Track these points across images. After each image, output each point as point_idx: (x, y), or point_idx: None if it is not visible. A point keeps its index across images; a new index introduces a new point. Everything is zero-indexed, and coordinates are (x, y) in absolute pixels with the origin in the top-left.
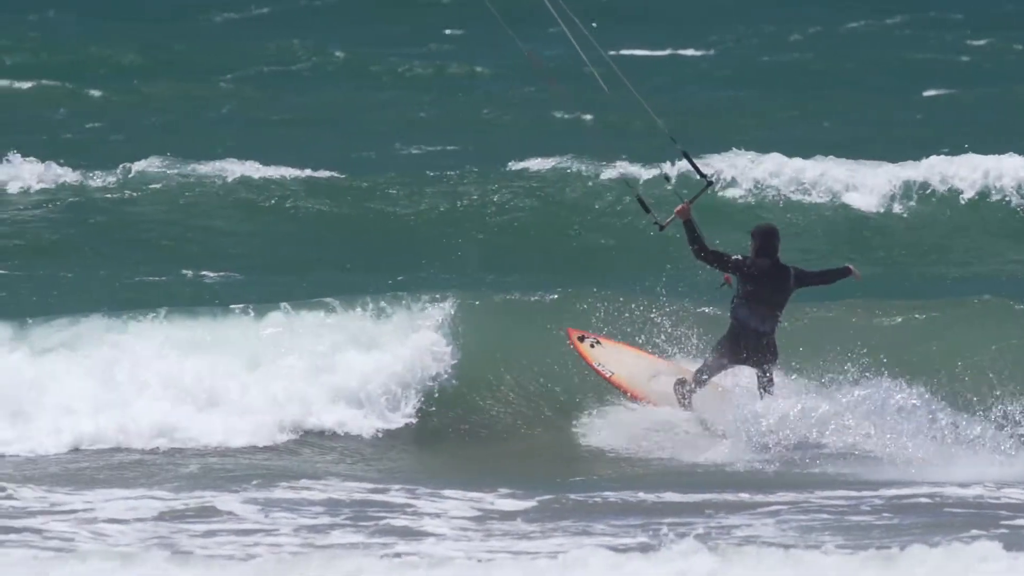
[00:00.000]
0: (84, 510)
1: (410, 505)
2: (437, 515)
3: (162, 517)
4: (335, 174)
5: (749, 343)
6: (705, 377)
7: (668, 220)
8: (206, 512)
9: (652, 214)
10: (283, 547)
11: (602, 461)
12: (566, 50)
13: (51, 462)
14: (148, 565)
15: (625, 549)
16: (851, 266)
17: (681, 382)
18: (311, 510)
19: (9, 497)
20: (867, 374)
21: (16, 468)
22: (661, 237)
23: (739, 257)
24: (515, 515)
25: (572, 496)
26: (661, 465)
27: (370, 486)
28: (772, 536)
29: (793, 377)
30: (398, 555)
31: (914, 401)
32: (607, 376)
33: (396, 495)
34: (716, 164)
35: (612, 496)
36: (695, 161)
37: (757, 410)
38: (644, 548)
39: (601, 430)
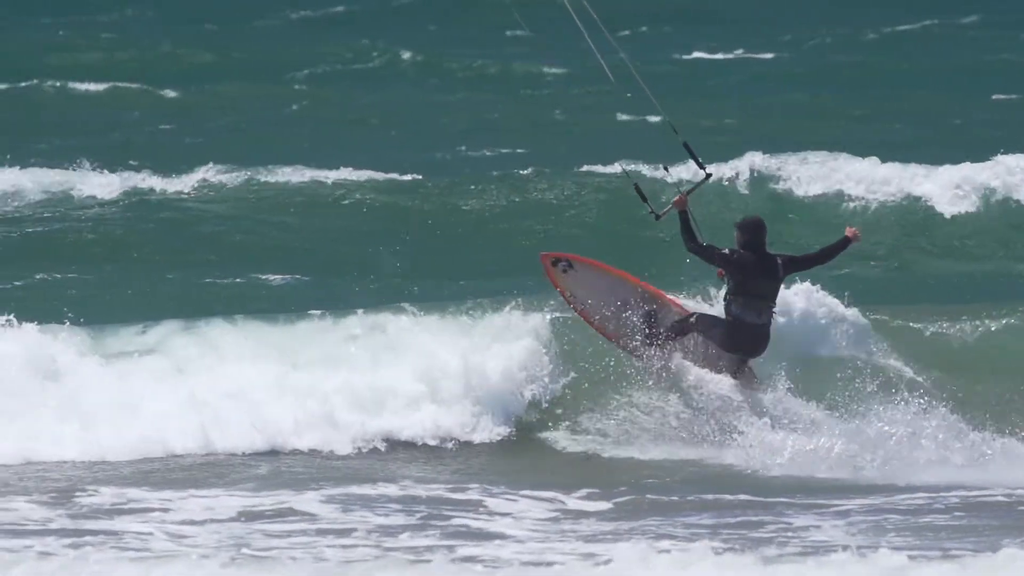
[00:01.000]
0: (160, 510)
1: (483, 505)
2: (509, 515)
3: (239, 518)
4: (414, 176)
5: (745, 336)
6: (674, 342)
7: (665, 211)
8: (283, 513)
9: (648, 204)
10: (356, 548)
11: (677, 464)
12: (632, 53)
13: (125, 465)
14: (229, 567)
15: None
16: (849, 232)
17: (649, 320)
18: (386, 508)
19: (89, 497)
20: (919, 384)
21: (91, 470)
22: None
23: (726, 251)
24: (589, 515)
25: (650, 497)
26: (734, 469)
27: (448, 487)
28: (843, 538)
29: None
30: (469, 559)
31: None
32: (577, 309)
33: (472, 494)
34: (789, 164)
35: (687, 498)
36: (695, 153)
37: (774, 444)
38: (716, 551)
39: (677, 434)
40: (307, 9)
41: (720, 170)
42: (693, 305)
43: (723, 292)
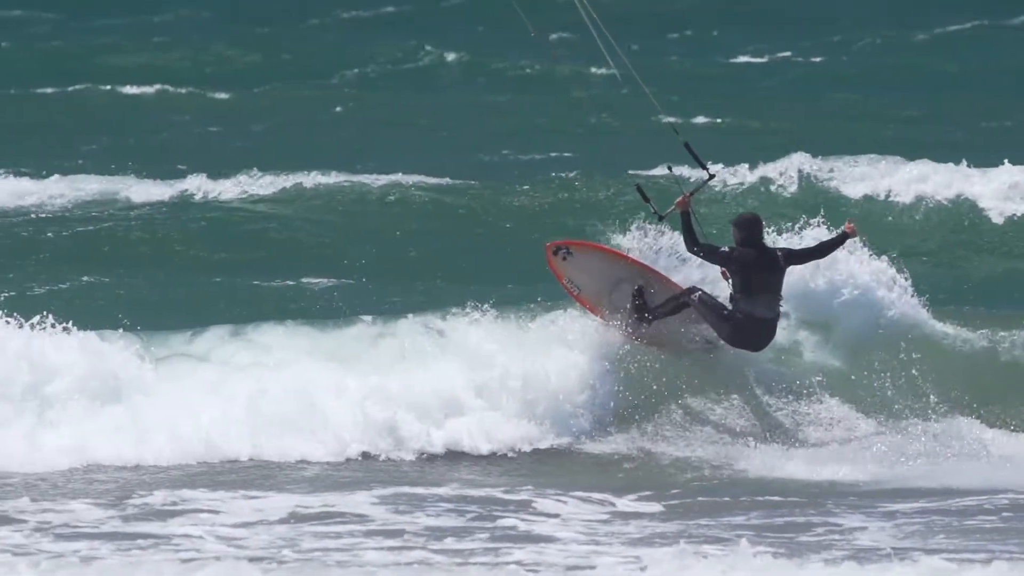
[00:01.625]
0: (210, 511)
1: (532, 506)
2: (558, 516)
3: (288, 519)
4: (461, 179)
5: (755, 331)
6: (667, 318)
7: (667, 211)
8: (332, 515)
9: (651, 204)
10: (402, 550)
11: (728, 466)
12: (681, 56)
13: (177, 468)
14: (277, 570)
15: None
16: (848, 227)
17: (641, 302)
18: (436, 508)
19: (142, 499)
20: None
21: (143, 474)
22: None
23: (726, 249)
24: (638, 517)
25: (700, 499)
26: (784, 470)
27: (500, 489)
28: (888, 541)
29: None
30: (515, 562)
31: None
32: (574, 294)
33: (522, 495)
34: (837, 165)
35: (738, 499)
36: (697, 154)
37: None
38: (757, 555)
39: (729, 436)
40: (358, 9)
41: (767, 171)
42: (681, 280)
43: (729, 292)
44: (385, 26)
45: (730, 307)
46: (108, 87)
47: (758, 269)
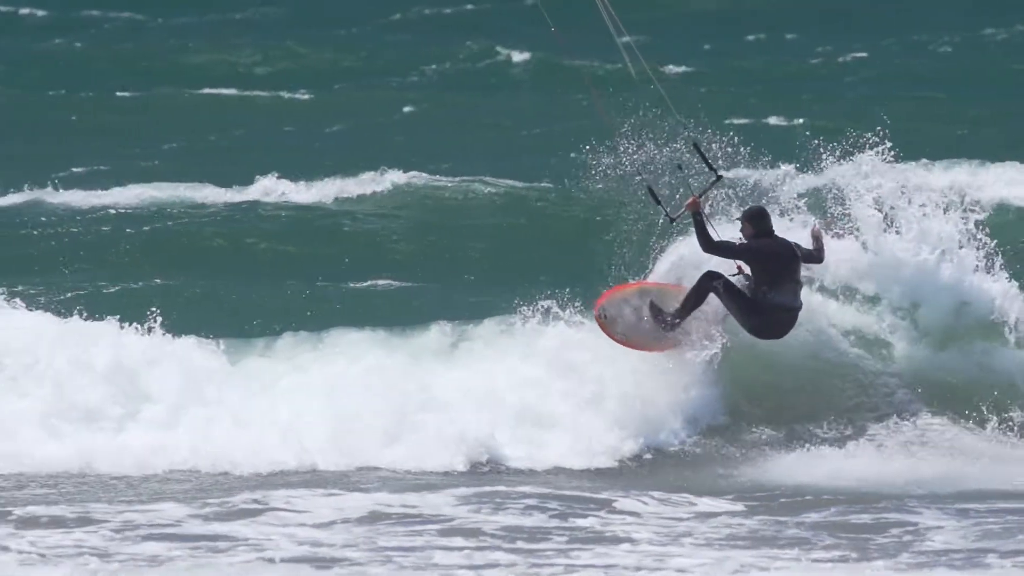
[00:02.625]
0: (292, 511)
1: (613, 507)
2: (638, 517)
3: (367, 520)
4: (535, 181)
5: (782, 322)
6: (692, 312)
7: (679, 212)
8: (411, 514)
9: (663, 205)
10: (477, 551)
11: (816, 469)
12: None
13: (261, 471)
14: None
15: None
16: (813, 230)
17: (658, 313)
18: (516, 508)
19: (222, 500)
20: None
21: (229, 477)
22: None
23: (745, 242)
24: (718, 520)
25: (782, 500)
26: (874, 473)
27: (584, 491)
28: (961, 543)
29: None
30: (587, 565)
31: None
32: (630, 344)
33: (606, 495)
34: (913, 166)
35: (820, 497)
36: (705, 155)
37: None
38: (843, 559)
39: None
40: (440, 6)
41: (843, 172)
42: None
43: (749, 287)
44: (462, 25)
45: (752, 296)
46: (184, 88)
47: (780, 259)
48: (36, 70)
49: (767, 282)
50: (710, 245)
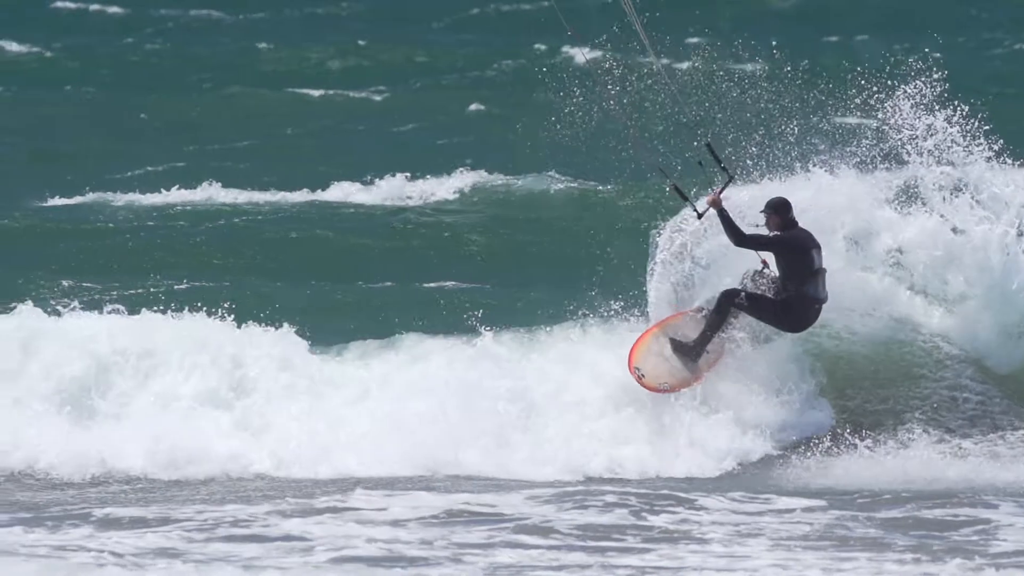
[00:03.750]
0: (372, 509)
1: (691, 506)
2: (713, 515)
3: (442, 516)
4: (609, 180)
5: (812, 315)
6: (709, 343)
7: (704, 210)
8: (485, 512)
9: (690, 202)
10: (546, 550)
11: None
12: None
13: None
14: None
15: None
16: (708, 199)
17: (680, 347)
18: (595, 506)
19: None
20: None
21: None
22: None
23: (779, 234)
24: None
25: (859, 500)
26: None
27: (677, 491)
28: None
29: None
30: (651, 566)
31: None
32: (669, 390)
33: (683, 494)
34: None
35: (903, 503)
36: (717, 154)
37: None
38: (916, 560)
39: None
40: (518, 2)
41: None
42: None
43: (773, 287)
44: (529, 22)
45: (782, 295)
46: (255, 87)
47: (811, 250)
48: (107, 68)
49: (799, 274)
50: (742, 238)
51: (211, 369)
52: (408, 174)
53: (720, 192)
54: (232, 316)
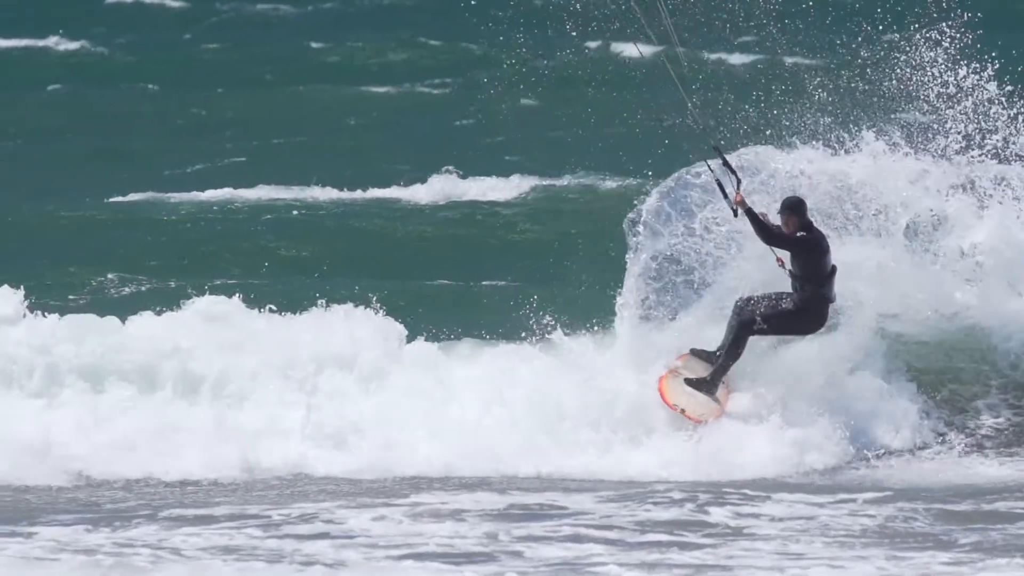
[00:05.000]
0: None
1: (749, 501)
2: (768, 515)
3: (507, 511)
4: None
5: (827, 314)
6: (726, 372)
7: (735, 208)
8: (546, 509)
9: (729, 201)
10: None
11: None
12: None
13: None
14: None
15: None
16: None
17: (697, 383)
18: (653, 504)
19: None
20: None
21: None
22: None
23: (803, 234)
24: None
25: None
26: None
27: (731, 491)
28: None
29: None
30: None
31: None
32: (713, 417)
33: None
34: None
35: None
36: (727, 158)
37: None
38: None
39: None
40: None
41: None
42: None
43: (798, 279)
44: (586, 17)
45: (796, 301)
46: (316, 83)
47: (828, 250)
48: (166, 64)
49: (819, 275)
50: (771, 237)
51: (286, 367)
52: (463, 171)
53: (739, 191)
54: (325, 312)
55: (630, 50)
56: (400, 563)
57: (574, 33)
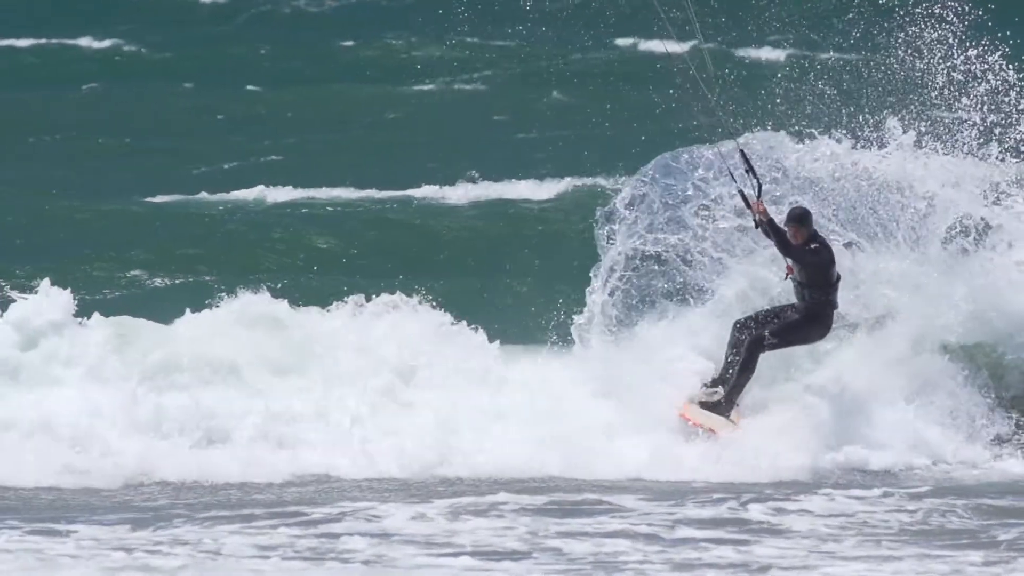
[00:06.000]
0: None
1: (794, 497)
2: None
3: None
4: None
5: (831, 323)
6: (741, 392)
7: (757, 219)
8: (592, 504)
9: (752, 210)
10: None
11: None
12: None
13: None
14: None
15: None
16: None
17: (712, 407)
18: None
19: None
20: None
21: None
22: None
23: (816, 245)
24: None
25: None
26: None
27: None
28: None
29: None
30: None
31: None
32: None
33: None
34: None
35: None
36: (751, 163)
37: None
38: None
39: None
40: None
41: None
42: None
43: (806, 288)
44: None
45: (802, 310)
46: (353, 82)
47: (834, 260)
48: (208, 62)
49: (828, 283)
50: (788, 248)
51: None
52: (498, 169)
53: (760, 198)
54: (369, 309)
55: (663, 47)
56: (438, 559)
57: (609, 29)
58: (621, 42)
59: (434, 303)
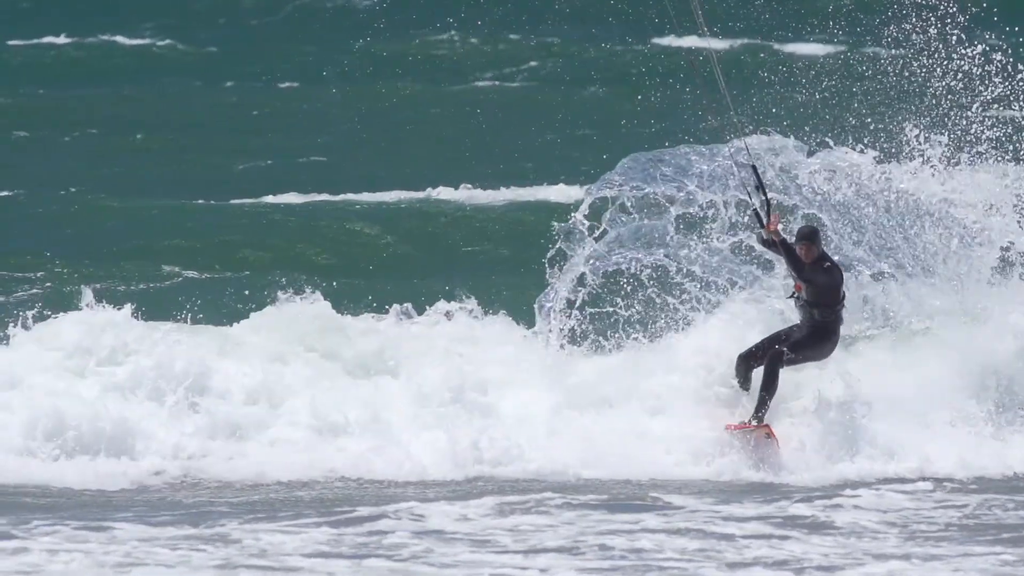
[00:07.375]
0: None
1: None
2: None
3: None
4: None
5: (838, 339)
6: (768, 405)
7: (769, 239)
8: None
9: (764, 228)
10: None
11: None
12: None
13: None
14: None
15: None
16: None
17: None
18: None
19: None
20: None
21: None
22: None
23: (829, 264)
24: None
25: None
26: None
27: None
28: None
29: None
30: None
31: None
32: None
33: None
34: None
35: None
36: (761, 178)
37: None
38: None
39: None
40: None
41: None
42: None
43: (815, 306)
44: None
45: (812, 327)
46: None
47: (843, 280)
48: (257, 60)
49: (836, 301)
50: (801, 267)
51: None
52: (541, 168)
53: (770, 216)
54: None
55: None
56: (475, 555)
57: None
58: (657, 41)
59: (477, 302)
